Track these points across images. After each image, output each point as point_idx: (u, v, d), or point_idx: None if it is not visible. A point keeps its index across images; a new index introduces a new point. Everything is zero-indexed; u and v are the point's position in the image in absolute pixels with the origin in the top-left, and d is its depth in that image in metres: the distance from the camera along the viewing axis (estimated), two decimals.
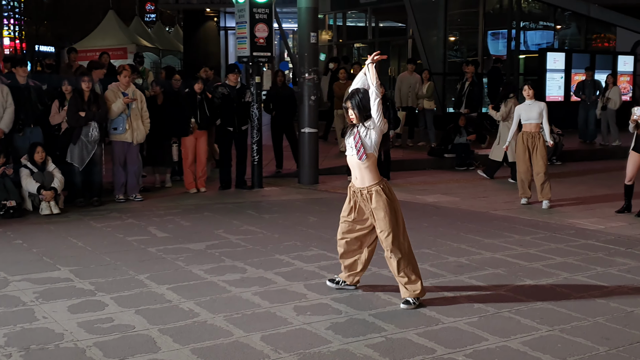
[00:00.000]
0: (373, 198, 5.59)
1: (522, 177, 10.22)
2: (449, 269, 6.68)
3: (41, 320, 5.18)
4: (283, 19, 23.36)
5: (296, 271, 6.56)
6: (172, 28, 43.55)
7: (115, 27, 28.13)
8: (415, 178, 12.72)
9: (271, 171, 12.55)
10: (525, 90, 10.11)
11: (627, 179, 9.53)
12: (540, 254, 7.27)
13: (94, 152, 9.52)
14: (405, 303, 5.56)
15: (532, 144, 9.98)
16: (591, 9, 21.85)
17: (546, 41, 22.03)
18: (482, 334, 4.98)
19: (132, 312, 5.37)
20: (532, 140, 9.99)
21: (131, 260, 6.85)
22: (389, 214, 5.55)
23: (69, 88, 9.60)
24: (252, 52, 10.87)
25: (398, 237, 5.58)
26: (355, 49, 25.46)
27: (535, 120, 9.96)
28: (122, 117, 9.76)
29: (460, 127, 14.21)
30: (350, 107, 5.66)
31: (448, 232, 8.28)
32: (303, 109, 11.60)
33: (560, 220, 9.07)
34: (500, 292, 5.97)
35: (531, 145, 9.99)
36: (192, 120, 10.51)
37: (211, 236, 7.94)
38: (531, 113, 9.97)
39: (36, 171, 9.10)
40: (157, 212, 9.26)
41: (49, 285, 6.01)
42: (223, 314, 5.35)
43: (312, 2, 11.55)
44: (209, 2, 26.14)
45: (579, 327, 5.16)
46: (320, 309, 5.50)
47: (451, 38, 21.31)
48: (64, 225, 8.43)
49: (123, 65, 10.75)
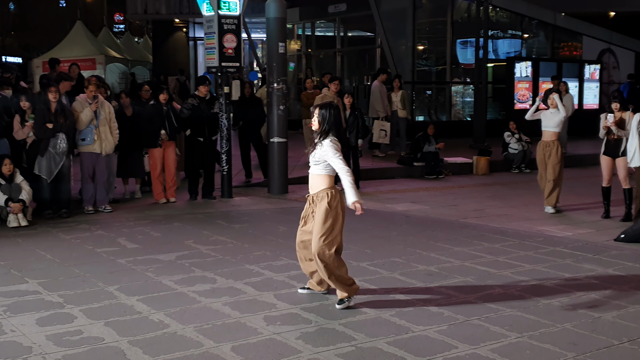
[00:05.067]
0: (318, 202, 5.76)
1: (541, 185, 10.50)
2: (419, 277, 6.72)
3: (9, 333, 5.12)
4: (252, 29, 23.43)
5: (266, 281, 6.56)
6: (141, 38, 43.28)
7: (84, 38, 27.90)
8: (384, 187, 12.78)
9: (241, 181, 12.54)
10: (550, 99, 10.32)
11: (605, 182, 9.75)
12: (509, 262, 7.34)
13: (62, 164, 9.43)
14: (339, 303, 5.80)
15: (548, 153, 10.24)
16: (557, 17, 22.19)
17: (514, 50, 22.31)
18: (452, 342, 5.02)
19: (101, 324, 5.32)
20: (547, 148, 10.27)
21: (100, 272, 6.79)
22: (325, 219, 5.68)
23: (26, 104, 9.51)
24: (220, 63, 10.87)
25: (328, 243, 5.67)
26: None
27: (552, 129, 10.25)
28: (91, 127, 9.70)
29: (429, 135, 14.31)
30: (316, 115, 5.84)
31: (418, 240, 8.33)
32: (272, 119, 11.60)
33: (529, 228, 9.17)
34: (469, 300, 6.02)
35: (547, 154, 10.25)
36: (162, 132, 10.48)
37: (181, 247, 7.90)
38: (551, 121, 10.24)
39: (3, 183, 8.99)
40: (126, 223, 9.20)
41: (16, 298, 5.94)
42: (193, 324, 5.33)
43: (280, 12, 11.58)
44: (178, 13, 26.08)
45: (547, 334, 5.22)
46: (290, 319, 5.50)
47: (420, 47, 21.46)
48: (32, 238, 8.34)
49: (89, 78, 10.68)
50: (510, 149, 15.29)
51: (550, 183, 10.24)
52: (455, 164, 14.85)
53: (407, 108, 15.97)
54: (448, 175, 14.25)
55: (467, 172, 14.72)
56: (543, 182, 10.43)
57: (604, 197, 9.90)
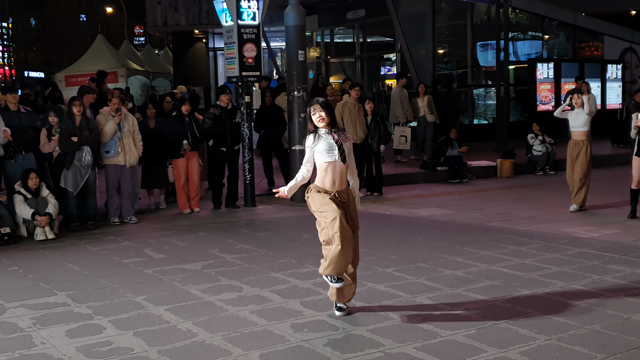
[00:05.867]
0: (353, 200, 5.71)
1: (569, 184, 10.49)
2: (446, 282, 6.69)
3: (39, 345, 5.17)
4: (271, 37, 23.48)
5: (292, 288, 6.56)
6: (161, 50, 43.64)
7: (105, 51, 28.17)
8: (408, 192, 12.75)
9: (263, 189, 12.57)
10: (574, 98, 10.30)
11: (634, 184, 9.66)
12: (536, 264, 7.29)
13: (88, 177, 9.53)
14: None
15: (577, 151, 10.25)
16: (578, 18, 22.03)
17: (535, 51, 22.19)
18: (481, 346, 4.99)
19: (130, 334, 5.36)
20: (577, 147, 10.27)
21: (128, 283, 6.84)
22: None
23: (55, 119, 9.62)
24: (241, 72, 10.93)
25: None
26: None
27: (580, 128, 10.28)
28: (114, 140, 9.79)
29: (452, 139, 14.25)
30: (318, 110, 5.58)
31: (443, 245, 8.30)
32: (293, 127, 11.63)
33: (555, 230, 9.10)
34: (497, 304, 5.99)
35: (575, 153, 10.25)
36: (184, 143, 10.54)
37: (207, 256, 7.94)
38: (577, 121, 10.26)
39: (30, 197, 9.09)
40: (152, 234, 9.27)
41: (46, 311, 5.99)
42: (221, 333, 5.35)
43: (299, 20, 11.62)
44: (197, 24, 26.20)
45: (577, 335, 5.18)
46: (318, 326, 5.51)
47: (440, 51, 21.43)
48: (59, 250, 8.42)
49: (112, 91, 10.79)
50: (534, 150, 15.19)
51: (578, 182, 10.23)
52: (479, 167, 14.78)
53: (434, 112, 15.85)
54: (472, 178, 14.18)
55: (491, 176, 14.64)
56: (571, 181, 10.38)
57: (632, 199, 9.80)
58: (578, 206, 10.31)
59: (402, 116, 15.49)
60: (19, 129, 9.60)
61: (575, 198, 10.30)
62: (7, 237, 8.75)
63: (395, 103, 15.69)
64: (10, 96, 9.80)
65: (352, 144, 5.77)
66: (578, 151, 10.25)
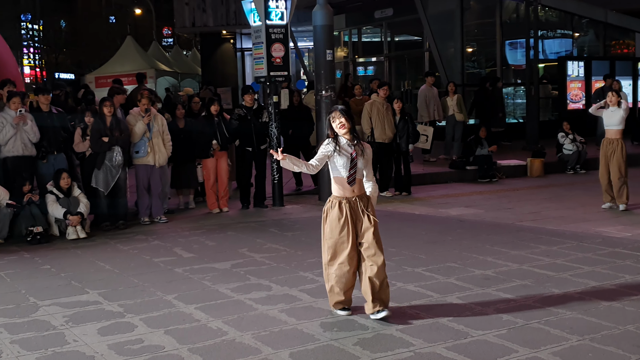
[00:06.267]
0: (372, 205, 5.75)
1: (601, 182, 10.38)
2: (476, 282, 6.65)
3: (72, 343, 5.22)
4: (298, 37, 23.52)
5: (321, 288, 6.55)
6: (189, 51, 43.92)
7: (134, 53, 28.44)
8: (437, 191, 12.68)
9: (291, 189, 12.59)
10: (609, 96, 10.20)
11: None
12: (567, 264, 7.22)
13: (119, 177, 9.61)
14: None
15: (611, 150, 10.14)
16: (608, 15, 21.75)
17: (565, 49, 21.96)
18: (512, 346, 4.95)
19: (161, 332, 5.40)
20: (611, 146, 10.17)
21: (159, 281, 6.89)
22: None
23: (91, 120, 9.72)
24: (269, 72, 10.96)
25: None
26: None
27: (615, 127, 10.16)
28: (144, 140, 9.87)
29: (482, 138, 14.16)
30: (337, 116, 5.60)
31: (473, 244, 8.24)
32: (321, 126, 11.61)
33: (586, 229, 9.00)
34: (528, 303, 5.93)
35: (610, 152, 10.15)
36: (214, 142, 10.59)
37: (236, 255, 7.97)
38: (612, 119, 10.15)
39: (62, 197, 9.19)
40: (182, 233, 9.32)
41: (78, 309, 6.06)
42: (251, 331, 5.37)
43: (327, 19, 11.61)
44: (225, 24, 26.29)
45: (610, 336, 5.12)
46: (347, 325, 5.50)
47: (469, 49, 21.30)
48: (91, 249, 8.51)
49: (142, 92, 10.88)
50: (564, 149, 15.04)
51: (617, 182, 10.13)
52: (509, 166, 14.66)
53: (464, 111, 15.76)
54: (502, 178, 14.07)
55: (521, 175, 14.52)
56: (603, 180, 10.26)
57: None
58: (625, 205, 10.18)
59: (425, 115, 15.44)
60: (50, 130, 9.73)
61: (620, 198, 10.18)
62: (39, 237, 8.86)
63: (420, 102, 15.66)
64: (43, 97, 9.93)
65: (371, 151, 5.75)
66: (612, 150, 10.12)
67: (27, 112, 9.53)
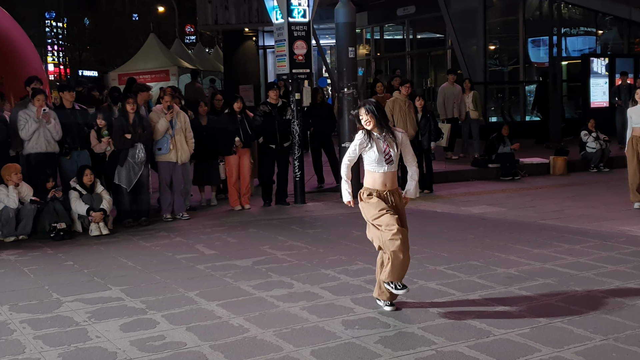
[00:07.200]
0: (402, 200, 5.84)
1: (630, 181, 10.17)
2: (498, 280, 6.61)
3: (94, 339, 5.26)
4: (320, 35, 23.50)
5: (342, 285, 6.56)
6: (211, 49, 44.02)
7: (157, 50, 28.55)
8: (459, 189, 12.63)
9: (313, 186, 12.58)
10: (638, 94, 10.06)
11: None
12: (591, 263, 7.15)
13: (141, 173, 9.66)
14: None
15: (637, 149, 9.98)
16: (633, 12, 21.51)
17: (588, 47, 21.75)
18: (535, 345, 4.92)
19: (183, 329, 5.42)
20: (638, 144, 9.98)
21: (180, 278, 6.92)
22: None
23: (102, 122, 9.77)
24: (291, 69, 10.97)
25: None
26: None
27: None
28: (166, 137, 9.91)
29: (504, 136, 14.07)
30: (363, 113, 5.66)
31: (495, 243, 8.20)
32: (343, 124, 11.62)
33: (610, 228, 8.92)
34: (551, 302, 5.89)
35: (636, 150, 9.99)
36: (236, 139, 10.60)
37: (257, 252, 7.98)
38: (639, 117, 9.95)
39: (85, 193, 9.26)
40: (204, 230, 9.35)
41: (100, 305, 6.10)
42: (272, 329, 5.37)
43: (349, 17, 11.59)
44: (248, 22, 26.33)
45: (634, 336, 5.06)
46: (369, 323, 5.49)
47: (491, 47, 21.16)
48: (113, 246, 8.56)
49: (164, 89, 10.93)
50: (587, 148, 14.91)
51: None
52: (532, 164, 14.56)
53: (479, 109, 15.70)
54: (524, 176, 13.98)
55: (543, 173, 14.42)
56: (632, 178, 10.11)
57: None
58: None
59: (442, 113, 15.43)
60: (74, 126, 9.81)
61: None
62: (62, 233, 8.93)
63: (438, 100, 15.72)
64: (68, 94, 10.00)
65: (404, 134, 5.82)
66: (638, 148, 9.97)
67: (51, 110, 9.61)
